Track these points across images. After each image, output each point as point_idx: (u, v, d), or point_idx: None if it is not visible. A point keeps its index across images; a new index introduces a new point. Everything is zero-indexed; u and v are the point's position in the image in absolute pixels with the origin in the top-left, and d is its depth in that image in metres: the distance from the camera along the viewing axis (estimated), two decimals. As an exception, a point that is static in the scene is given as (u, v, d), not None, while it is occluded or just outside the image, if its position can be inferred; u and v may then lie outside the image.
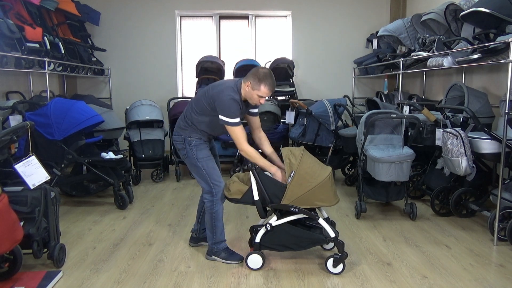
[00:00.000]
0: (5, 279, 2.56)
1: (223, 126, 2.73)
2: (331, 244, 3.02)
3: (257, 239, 2.77)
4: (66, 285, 2.59)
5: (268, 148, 2.96)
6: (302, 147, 2.79)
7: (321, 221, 2.72)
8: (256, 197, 2.70)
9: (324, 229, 2.75)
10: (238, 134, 2.69)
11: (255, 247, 2.79)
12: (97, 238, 3.38)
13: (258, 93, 2.66)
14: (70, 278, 2.68)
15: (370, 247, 3.18)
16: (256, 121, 2.99)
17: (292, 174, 2.62)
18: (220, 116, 2.68)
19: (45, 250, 2.73)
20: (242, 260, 2.88)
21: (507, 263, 2.89)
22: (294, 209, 2.66)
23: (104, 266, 2.86)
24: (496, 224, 3.15)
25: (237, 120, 2.68)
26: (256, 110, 2.98)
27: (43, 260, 2.83)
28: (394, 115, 3.73)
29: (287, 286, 2.58)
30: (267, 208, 2.81)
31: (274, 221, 2.73)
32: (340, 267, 2.71)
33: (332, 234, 2.71)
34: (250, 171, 2.68)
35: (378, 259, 2.96)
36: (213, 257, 2.93)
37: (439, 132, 3.71)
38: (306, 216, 2.73)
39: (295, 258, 2.96)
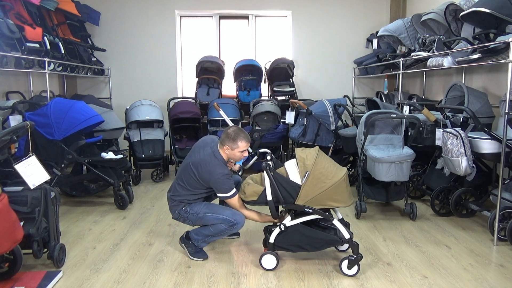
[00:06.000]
0: (5, 279, 2.56)
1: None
2: (346, 246, 2.99)
3: (271, 240, 2.76)
4: (66, 285, 2.59)
5: None
6: (317, 147, 2.77)
7: (335, 222, 2.70)
8: (269, 197, 2.70)
9: (339, 230, 2.72)
10: (236, 204, 2.87)
11: (269, 247, 2.79)
12: (97, 238, 3.38)
13: (238, 150, 2.86)
14: (70, 278, 2.68)
15: (370, 247, 3.18)
16: None
17: (306, 175, 2.61)
18: (219, 194, 2.87)
19: (45, 250, 2.73)
20: (206, 258, 2.97)
21: (507, 263, 2.89)
22: (308, 210, 2.65)
23: (104, 266, 2.86)
24: (496, 224, 3.15)
25: (234, 191, 2.83)
26: None
27: (43, 260, 2.83)
28: (394, 115, 3.73)
29: (287, 286, 2.58)
30: (280, 209, 2.81)
31: (288, 221, 2.72)
32: (355, 269, 2.69)
33: (347, 236, 2.68)
34: (264, 171, 2.68)
35: (378, 259, 2.96)
36: (183, 245, 3.04)
37: (439, 132, 3.71)
38: (320, 217, 2.71)
39: (295, 259, 2.96)
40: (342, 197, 2.67)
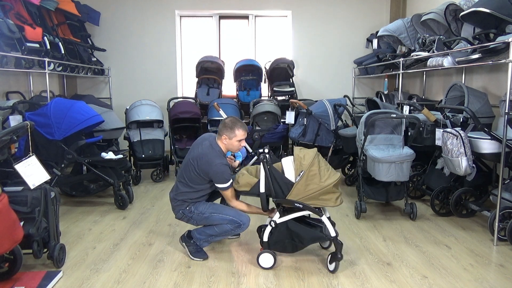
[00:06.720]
0: (5, 279, 2.56)
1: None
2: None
3: (265, 238, 2.81)
4: (66, 285, 2.59)
5: None
6: (315, 149, 2.82)
7: (324, 219, 2.75)
8: (262, 189, 2.74)
9: (324, 227, 2.78)
10: (229, 195, 2.91)
11: (264, 246, 2.82)
12: (97, 238, 3.38)
13: (236, 138, 2.90)
14: (70, 278, 2.68)
15: (370, 247, 3.18)
16: None
17: (301, 174, 2.64)
18: (217, 185, 2.88)
19: (45, 250, 2.73)
20: (206, 258, 2.97)
21: (507, 263, 2.89)
22: (298, 205, 2.69)
23: (104, 266, 2.86)
24: (496, 224, 3.15)
25: (231, 182, 2.87)
26: None
27: (43, 260, 2.83)
28: (394, 115, 3.73)
29: (287, 286, 2.58)
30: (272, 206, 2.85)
31: (277, 218, 2.77)
32: (333, 265, 2.75)
33: (333, 233, 2.73)
34: (261, 163, 2.71)
35: (378, 259, 2.96)
36: (183, 244, 3.03)
37: (439, 132, 3.71)
38: (309, 213, 2.76)
39: (295, 258, 2.96)
40: (330, 197, 2.71)
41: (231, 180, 2.87)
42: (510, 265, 2.85)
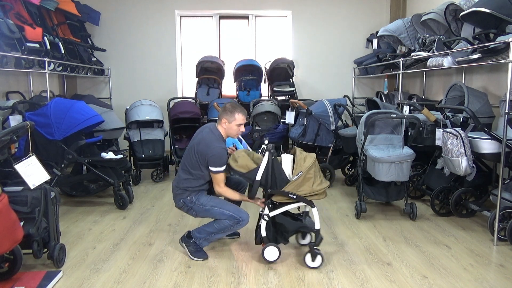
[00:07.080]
0: (5, 279, 2.56)
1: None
2: (307, 240, 3.16)
3: (263, 233, 2.85)
4: (66, 285, 2.59)
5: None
6: (314, 154, 2.86)
7: (314, 210, 2.83)
8: (258, 177, 2.76)
9: (304, 220, 2.97)
10: (220, 179, 2.91)
11: (264, 241, 2.86)
12: (97, 238, 3.38)
13: (235, 123, 2.93)
14: (70, 278, 2.68)
15: (370, 247, 3.18)
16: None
17: (299, 174, 2.71)
18: (212, 168, 2.87)
19: (45, 250, 2.73)
20: (206, 258, 2.97)
21: (507, 263, 2.89)
22: (293, 196, 2.75)
23: (104, 266, 2.86)
24: (496, 224, 3.15)
25: (224, 168, 2.88)
26: None
27: (43, 260, 2.83)
28: (394, 115, 3.74)
29: (287, 286, 2.58)
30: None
31: (268, 212, 2.85)
32: (318, 260, 2.81)
33: (318, 226, 2.84)
34: (267, 152, 2.73)
35: (378, 259, 2.96)
36: (183, 244, 3.03)
37: (439, 132, 3.71)
38: (299, 206, 2.90)
39: (295, 258, 2.96)
40: (317, 195, 2.81)
41: (225, 166, 2.88)
42: (510, 265, 2.85)
